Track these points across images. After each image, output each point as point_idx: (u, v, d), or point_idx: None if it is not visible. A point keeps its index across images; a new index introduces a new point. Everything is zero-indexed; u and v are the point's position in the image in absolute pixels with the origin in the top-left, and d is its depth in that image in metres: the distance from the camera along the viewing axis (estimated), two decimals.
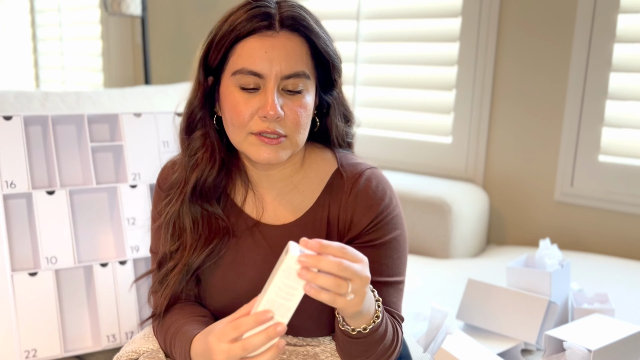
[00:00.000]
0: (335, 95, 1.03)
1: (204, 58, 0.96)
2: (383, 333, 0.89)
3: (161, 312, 1.01)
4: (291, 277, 0.76)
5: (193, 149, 1.00)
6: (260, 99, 0.91)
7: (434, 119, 2.22)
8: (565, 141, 1.95)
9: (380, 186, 1.00)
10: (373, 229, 0.98)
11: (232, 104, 0.92)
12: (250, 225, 1.02)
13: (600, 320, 1.13)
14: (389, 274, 0.98)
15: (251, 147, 0.94)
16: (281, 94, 0.92)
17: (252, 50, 0.90)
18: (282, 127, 0.92)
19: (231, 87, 0.93)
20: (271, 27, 0.91)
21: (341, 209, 0.99)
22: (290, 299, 0.77)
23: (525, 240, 2.09)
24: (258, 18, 0.91)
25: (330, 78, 0.99)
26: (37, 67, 3.89)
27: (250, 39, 0.91)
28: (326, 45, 0.96)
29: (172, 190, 1.03)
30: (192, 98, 0.99)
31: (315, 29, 0.94)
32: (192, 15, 2.90)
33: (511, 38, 2.01)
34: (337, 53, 0.99)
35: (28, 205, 1.35)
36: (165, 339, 0.98)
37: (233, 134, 0.95)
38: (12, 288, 1.30)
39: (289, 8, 0.93)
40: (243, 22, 0.91)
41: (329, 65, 0.97)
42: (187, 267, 1.00)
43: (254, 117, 0.91)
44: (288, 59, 0.91)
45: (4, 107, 1.51)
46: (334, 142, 1.05)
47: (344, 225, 0.99)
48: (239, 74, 0.91)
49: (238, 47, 0.92)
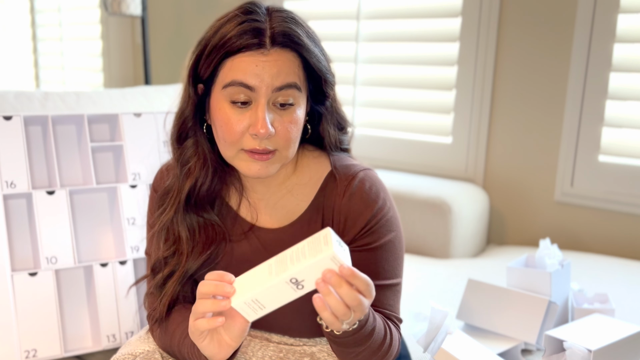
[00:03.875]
0: (327, 105, 1.01)
1: (194, 69, 0.94)
2: (370, 330, 0.88)
3: (162, 318, 1.00)
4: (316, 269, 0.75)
5: (185, 158, 0.99)
6: (251, 115, 0.90)
7: (434, 119, 2.22)
8: (565, 141, 1.95)
9: (374, 188, 0.99)
10: (368, 233, 0.98)
11: (224, 120, 0.91)
12: (245, 229, 1.02)
13: (601, 320, 1.13)
14: (386, 277, 0.98)
15: (242, 163, 0.93)
16: (272, 109, 0.91)
17: (243, 64, 0.89)
18: (272, 144, 0.91)
19: (222, 102, 0.92)
20: (262, 45, 0.89)
21: (335, 211, 0.99)
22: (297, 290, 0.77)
23: (525, 240, 2.09)
24: (249, 35, 0.89)
25: (322, 90, 0.98)
26: (37, 67, 3.89)
27: (240, 55, 0.89)
28: (318, 61, 0.94)
29: (165, 198, 1.02)
30: (183, 108, 0.98)
31: (307, 44, 0.92)
32: (192, 15, 2.90)
33: (511, 38, 2.01)
34: (329, 68, 0.97)
35: (28, 205, 1.35)
36: (172, 342, 0.98)
37: (224, 149, 0.94)
38: (12, 288, 1.30)
39: (281, 22, 0.91)
40: (233, 38, 0.89)
41: (321, 80, 0.96)
42: (185, 273, 1.00)
43: (245, 134, 0.91)
44: (279, 73, 0.89)
45: (4, 107, 1.51)
46: (328, 147, 1.04)
47: (338, 227, 0.99)
48: (229, 87, 0.90)
49: (228, 62, 0.90)
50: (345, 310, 0.76)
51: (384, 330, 0.92)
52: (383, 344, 0.92)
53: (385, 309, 0.98)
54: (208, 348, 0.85)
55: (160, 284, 1.01)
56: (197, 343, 0.85)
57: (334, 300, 0.75)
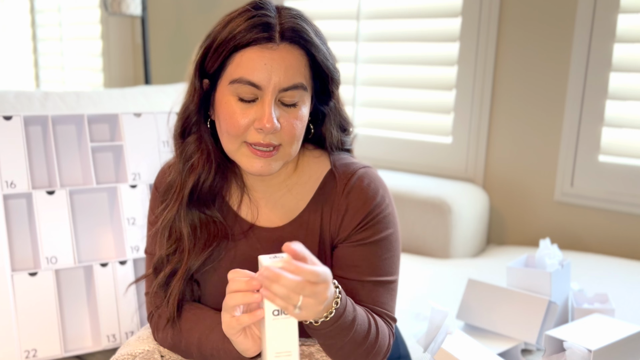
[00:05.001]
0: (331, 106, 1.01)
1: (201, 63, 0.95)
2: (351, 320, 0.88)
3: (174, 317, 1.00)
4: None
5: (188, 153, 0.99)
6: (257, 110, 0.90)
7: (434, 119, 2.22)
8: (565, 141, 1.95)
9: (373, 185, 0.99)
10: (364, 227, 0.98)
11: (229, 113, 0.91)
12: (245, 228, 1.02)
13: (600, 320, 1.13)
14: (380, 274, 0.98)
15: (243, 158, 0.94)
16: (277, 106, 0.91)
17: (251, 61, 0.89)
18: (276, 139, 0.92)
19: (228, 96, 0.92)
20: (271, 39, 0.89)
21: (334, 209, 0.99)
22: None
23: (525, 240, 2.09)
24: (258, 29, 0.89)
25: (327, 89, 0.98)
26: (37, 67, 3.89)
27: (249, 50, 0.89)
28: (325, 58, 0.94)
29: (167, 195, 1.02)
30: (188, 102, 0.98)
31: (315, 41, 0.93)
32: (192, 15, 2.90)
33: (511, 38, 2.01)
34: (335, 66, 0.98)
35: (28, 205, 1.35)
36: (189, 341, 0.98)
37: (227, 142, 0.94)
38: (12, 288, 1.30)
39: (290, 19, 0.91)
40: (243, 32, 0.89)
41: (327, 79, 0.96)
42: (187, 271, 1.00)
43: (249, 128, 0.91)
44: (287, 71, 0.90)
45: (4, 107, 1.51)
46: (329, 148, 1.04)
47: (337, 224, 0.99)
48: (236, 83, 0.90)
49: (237, 56, 0.90)
50: (290, 294, 0.76)
51: (368, 321, 0.92)
52: (368, 335, 0.92)
53: (377, 306, 0.98)
54: (243, 343, 0.86)
55: (163, 282, 1.01)
56: (234, 338, 0.87)
57: (277, 288, 0.76)
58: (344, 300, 0.87)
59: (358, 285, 0.98)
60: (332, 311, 0.85)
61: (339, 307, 0.85)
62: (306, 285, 0.76)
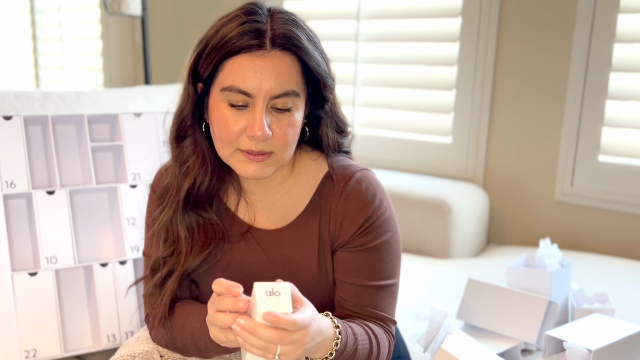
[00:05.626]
0: (326, 109, 1.01)
1: (194, 68, 0.94)
2: (353, 351, 0.89)
3: (165, 317, 1.00)
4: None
5: (184, 156, 0.99)
6: (248, 117, 0.90)
7: (434, 119, 2.22)
8: (565, 141, 1.95)
9: (371, 188, 0.99)
10: (363, 233, 0.98)
11: (221, 120, 0.91)
12: (243, 230, 1.02)
13: (600, 320, 1.13)
14: (381, 278, 0.98)
15: (237, 163, 0.94)
16: (270, 112, 0.91)
17: (242, 68, 0.89)
18: (268, 146, 0.91)
19: (220, 102, 0.92)
20: (262, 46, 0.89)
21: (332, 212, 0.99)
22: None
23: (525, 240, 2.09)
24: (249, 35, 0.88)
25: (322, 94, 0.98)
26: (37, 67, 3.89)
27: (240, 57, 0.89)
28: (318, 65, 0.93)
29: (164, 198, 1.02)
30: (182, 106, 0.98)
31: (307, 47, 0.92)
32: (192, 15, 2.90)
33: (511, 38, 2.01)
34: (328, 72, 0.96)
35: (28, 205, 1.35)
36: (183, 336, 0.98)
37: (221, 148, 0.94)
38: (12, 288, 1.30)
39: (282, 24, 0.90)
40: (234, 39, 0.89)
41: (320, 84, 0.95)
42: (183, 272, 1.00)
43: (241, 135, 0.91)
44: (278, 79, 0.89)
45: (4, 107, 1.51)
46: (326, 150, 1.04)
47: (335, 228, 0.99)
48: (227, 91, 0.90)
49: (228, 64, 0.90)
50: (268, 345, 0.76)
51: (369, 341, 0.94)
52: (370, 354, 0.94)
53: (377, 309, 0.98)
54: (234, 342, 0.85)
55: (159, 283, 1.01)
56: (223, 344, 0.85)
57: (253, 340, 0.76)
58: (344, 339, 0.88)
59: (359, 289, 0.98)
60: (332, 352, 0.85)
61: (339, 347, 0.86)
62: (284, 334, 0.76)
